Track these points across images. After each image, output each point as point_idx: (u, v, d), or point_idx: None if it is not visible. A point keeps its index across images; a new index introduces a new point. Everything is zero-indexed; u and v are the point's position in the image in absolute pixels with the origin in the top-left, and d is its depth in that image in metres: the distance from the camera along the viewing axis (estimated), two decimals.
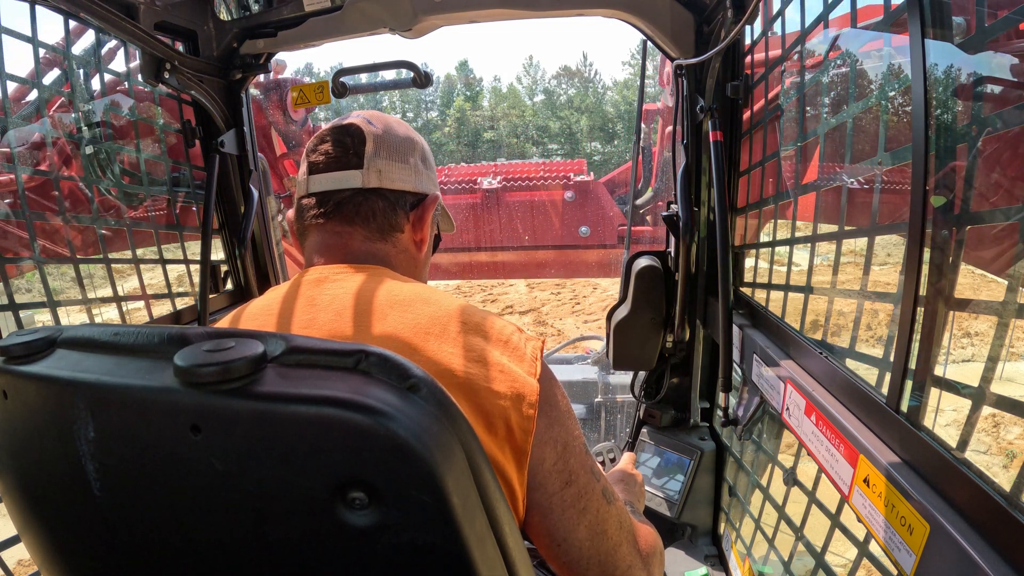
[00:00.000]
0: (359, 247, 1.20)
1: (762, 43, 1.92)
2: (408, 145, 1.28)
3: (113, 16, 1.73)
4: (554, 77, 71.21)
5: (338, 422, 0.53)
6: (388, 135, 1.25)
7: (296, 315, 1.06)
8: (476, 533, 0.59)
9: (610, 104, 68.07)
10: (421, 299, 1.02)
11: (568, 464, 1.00)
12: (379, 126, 1.25)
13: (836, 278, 1.59)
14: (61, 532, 0.74)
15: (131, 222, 2.17)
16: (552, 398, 1.01)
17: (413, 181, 1.26)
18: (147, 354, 0.64)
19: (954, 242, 1.11)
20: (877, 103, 1.41)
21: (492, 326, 1.02)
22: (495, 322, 1.03)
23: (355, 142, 1.22)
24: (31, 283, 9.99)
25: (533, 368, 0.99)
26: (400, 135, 1.28)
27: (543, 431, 0.96)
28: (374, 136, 1.23)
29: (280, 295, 1.12)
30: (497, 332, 1.01)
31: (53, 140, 2.08)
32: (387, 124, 1.28)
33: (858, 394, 1.33)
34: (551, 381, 1.02)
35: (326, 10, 2.16)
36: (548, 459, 0.97)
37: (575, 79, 70.48)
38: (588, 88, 69.92)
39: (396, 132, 1.27)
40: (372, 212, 1.21)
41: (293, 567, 0.60)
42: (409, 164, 1.26)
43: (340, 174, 1.20)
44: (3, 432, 0.73)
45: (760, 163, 2.02)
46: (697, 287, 2.36)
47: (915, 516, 1.05)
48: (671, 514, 2.42)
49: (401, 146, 1.26)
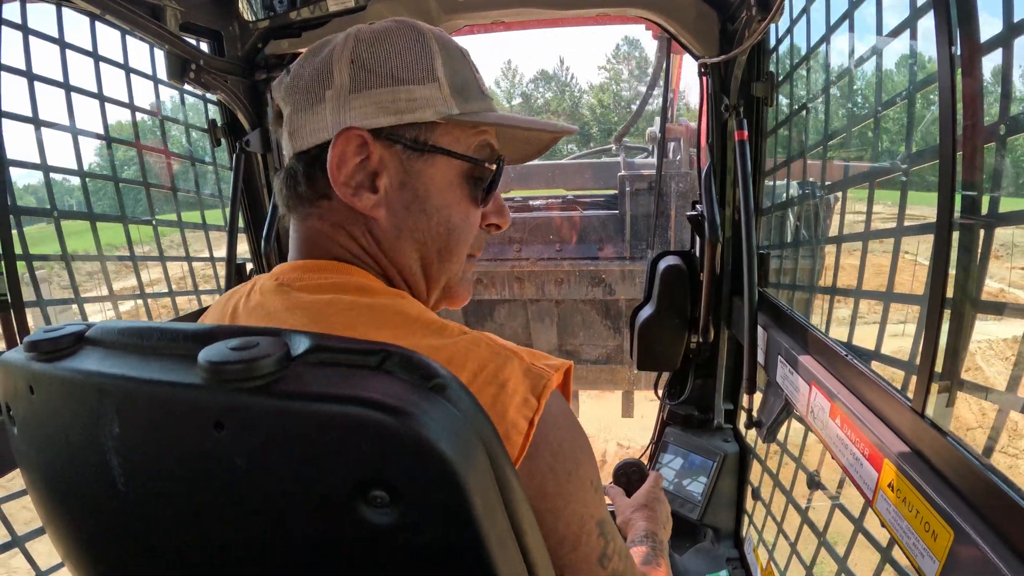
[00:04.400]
0: (303, 233, 0.97)
1: (787, 41, 1.90)
2: (322, 74, 0.91)
3: (139, 17, 1.75)
4: (531, 81, 72.90)
5: (361, 421, 0.53)
6: (295, 78, 0.94)
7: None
8: (497, 534, 0.59)
9: (586, 108, 69.44)
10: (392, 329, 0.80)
11: (563, 560, 0.81)
12: (294, 68, 0.95)
13: (862, 279, 1.57)
14: (85, 525, 0.75)
15: (157, 220, 2.20)
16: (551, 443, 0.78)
17: (332, 122, 0.90)
18: (172, 351, 0.64)
19: (982, 243, 1.09)
20: (903, 101, 1.39)
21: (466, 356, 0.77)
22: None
23: (274, 109, 0.98)
24: (50, 274, 10.11)
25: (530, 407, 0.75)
26: (312, 67, 0.93)
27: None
28: (280, 90, 0.96)
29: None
30: (488, 373, 0.75)
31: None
32: (302, 59, 0.96)
33: (883, 397, 1.32)
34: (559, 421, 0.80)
35: (350, 10, 2.17)
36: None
37: (552, 83, 71.88)
38: (565, 92, 71.41)
39: (304, 66, 0.94)
40: (294, 183, 0.95)
41: (313, 565, 0.60)
42: (324, 102, 0.91)
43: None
44: (29, 426, 0.74)
45: (785, 163, 2.00)
46: (722, 287, 2.35)
47: (939, 522, 1.04)
48: (693, 516, 2.40)
49: (311, 83, 0.92)
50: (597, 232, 5.39)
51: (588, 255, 5.36)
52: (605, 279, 5.34)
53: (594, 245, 5.37)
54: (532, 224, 5.38)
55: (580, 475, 0.81)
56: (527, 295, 5.50)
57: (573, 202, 5.57)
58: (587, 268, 5.33)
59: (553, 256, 5.36)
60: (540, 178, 5.52)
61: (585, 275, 5.36)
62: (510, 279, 5.44)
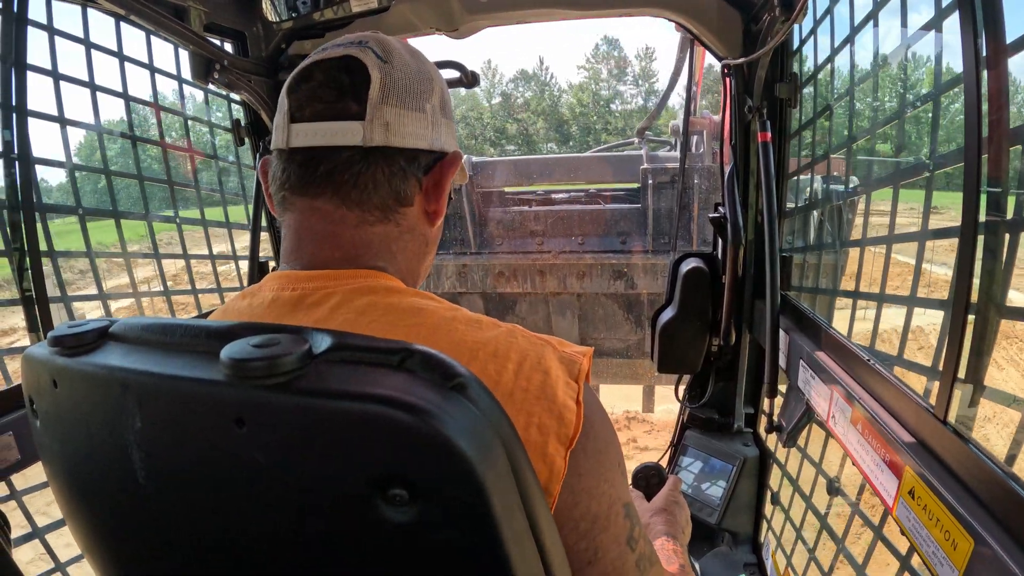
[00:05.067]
0: (351, 236, 0.92)
1: (810, 42, 1.89)
2: (425, 85, 0.95)
3: (163, 18, 1.77)
4: (511, 80, 73.23)
5: (382, 419, 0.54)
6: (400, 71, 0.92)
7: None
8: (515, 533, 0.59)
9: (566, 107, 70.08)
10: (434, 327, 0.81)
11: (595, 541, 0.81)
12: (388, 57, 0.92)
13: (885, 283, 1.55)
14: (105, 518, 0.76)
15: (181, 218, 2.23)
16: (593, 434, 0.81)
17: (430, 136, 0.94)
18: (194, 348, 0.65)
19: (1007, 248, 1.08)
20: (928, 104, 1.38)
21: (524, 353, 0.80)
22: (525, 348, 0.80)
23: (355, 82, 0.90)
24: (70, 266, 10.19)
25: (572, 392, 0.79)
26: (415, 70, 0.95)
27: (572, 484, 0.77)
28: (382, 73, 0.90)
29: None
30: (532, 361, 0.79)
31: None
32: (398, 53, 0.94)
33: (905, 402, 1.30)
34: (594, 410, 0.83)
35: (373, 11, 2.17)
36: (565, 535, 0.77)
37: (532, 82, 72.35)
38: (544, 91, 71.84)
39: (409, 66, 0.94)
40: (374, 183, 0.90)
41: (331, 561, 0.60)
42: (426, 112, 0.94)
43: (333, 125, 0.88)
44: (52, 420, 0.75)
45: (809, 164, 1.99)
46: (744, 290, 2.33)
47: (959, 530, 1.03)
48: (712, 520, 2.39)
49: (416, 87, 0.93)
50: (619, 226, 5.38)
51: (610, 248, 5.35)
52: (627, 272, 5.35)
53: (616, 239, 5.36)
54: (554, 217, 5.38)
55: (610, 456, 0.84)
56: (548, 288, 5.50)
57: (595, 196, 5.57)
58: (609, 262, 5.33)
59: (575, 249, 5.36)
60: (562, 172, 5.52)
61: (607, 269, 5.36)
62: (532, 272, 5.46)
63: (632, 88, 72.59)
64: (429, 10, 2.13)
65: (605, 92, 71.40)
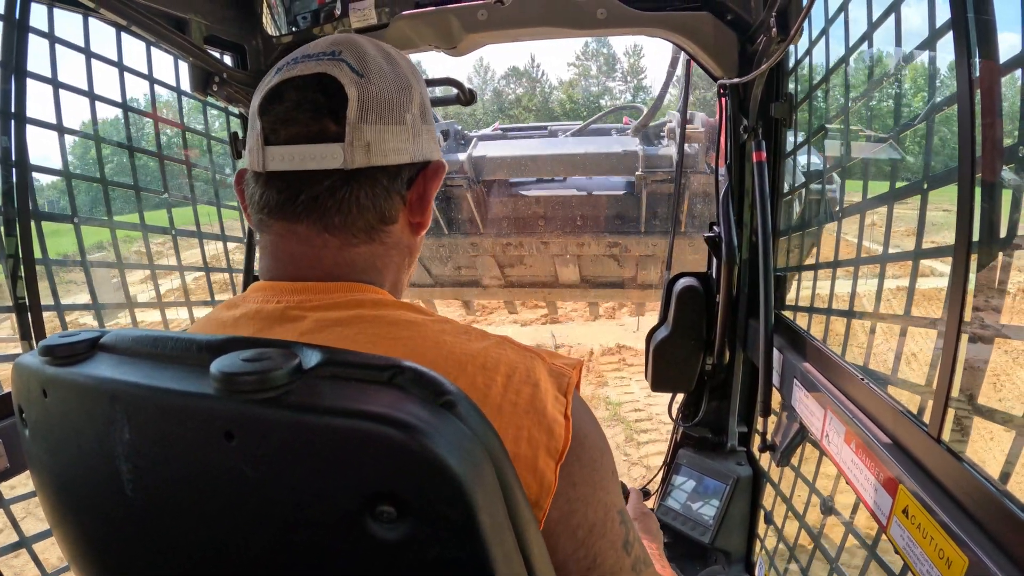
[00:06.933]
0: (333, 258, 0.89)
1: (806, 62, 1.90)
2: (404, 94, 0.90)
3: (164, 30, 1.78)
4: (503, 77, 73.92)
5: (371, 435, 0.54)
6: (378, 84, 0.87)
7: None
8: (504, 552, 0.58)
9: (556, 103, 70.68)
10: (422, 339, 0.79)
11: (593, 548, 0.81)
12: (364, 70, 0.87)
13: (879, 302, 1.56)
14: (92, 529, 0.75)
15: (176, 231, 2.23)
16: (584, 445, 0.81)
17: (412, 148, 0.91)
18: (185, 361, 0.65)
19: (1000, 267, 1.08)
20: (922, 124, 1.38)
21: (513, 366, 0.78)
22: (515, 362, 0.79)
23: (331, 101, 0.85)
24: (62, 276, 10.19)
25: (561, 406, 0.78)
26: (392, 79, 0.90)
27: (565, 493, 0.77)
28: (359, 90, 0.85)
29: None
30: (521, 374, 0.77)
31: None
32: (374, 62, 0.90)
33: (900, 422, 1.30)
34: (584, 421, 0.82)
35: (372, 27, 2.18)
36: (563, 544, 0.78)
37: (523, 79, 73.15)
38: (535, 88, 72.61)
39: (387, 76, 0.89)
40: (358, 206, 0.87)
41: None
42: (407, 123, 0.90)
43: (311, 148, 0.84)
44: (41, 429, 0.75)
45: (804, 184, 1.99)
46: (738, 310, 2.33)
47: (954, 549, 1.03)
48: (705, 539, 2.38)
49: (396, 97, 0.89)
50: (614, 215, 6.02)
51: (607, 229, 6.01)
52: (621, 243, 6.03)
53: (614, 221, 6.00)
54: (554, 201, 5.97)
55: (604, 464, 0.84)
56: (552, 251, 6.21)
57: (591, 195, 6.11)
58: (605, 240, 6.01)
59: (573, 231, 6.03)
60: (560, 167, 5.79)
61: (603, 241, 6.03)
62: (537, 244, 6.15)
63: (621, 84, 73.77)
64: (428, 28, 2.14)
65: (595, 88, 72.33)
